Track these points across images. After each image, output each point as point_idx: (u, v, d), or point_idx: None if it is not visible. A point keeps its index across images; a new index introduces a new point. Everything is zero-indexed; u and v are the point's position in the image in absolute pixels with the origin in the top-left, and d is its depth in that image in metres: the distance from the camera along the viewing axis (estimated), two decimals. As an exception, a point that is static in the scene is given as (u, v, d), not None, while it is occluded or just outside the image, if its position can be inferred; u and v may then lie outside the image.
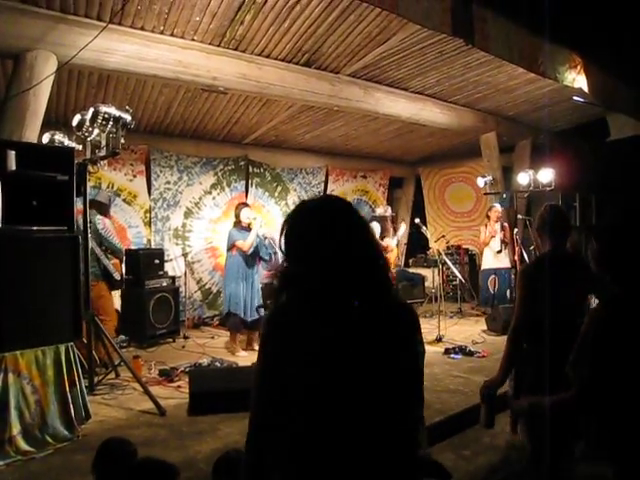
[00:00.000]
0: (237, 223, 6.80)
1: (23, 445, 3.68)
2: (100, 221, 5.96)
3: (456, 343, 6.89)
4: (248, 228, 6.76)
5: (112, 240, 6.01)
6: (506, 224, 8.72)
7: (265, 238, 6.83)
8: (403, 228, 9.18)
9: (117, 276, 6.08)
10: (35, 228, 3.98)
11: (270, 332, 1.47)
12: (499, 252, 8.54)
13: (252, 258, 6.73)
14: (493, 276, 8.59)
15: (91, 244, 5.87)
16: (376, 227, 8.39)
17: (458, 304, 9.57)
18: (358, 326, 1.41)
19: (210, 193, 9.37)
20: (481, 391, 2.81)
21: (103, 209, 6.20)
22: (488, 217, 8.86)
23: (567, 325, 2.66)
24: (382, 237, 8.56)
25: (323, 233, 1.46)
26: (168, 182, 8.85)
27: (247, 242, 6.61)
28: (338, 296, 1.43)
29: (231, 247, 6.74)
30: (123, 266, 6.57)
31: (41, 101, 5.06)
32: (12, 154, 3.79)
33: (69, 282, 4.17)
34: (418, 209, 12.59)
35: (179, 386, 5.29)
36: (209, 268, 9.30)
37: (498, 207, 8.74)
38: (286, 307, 1.49)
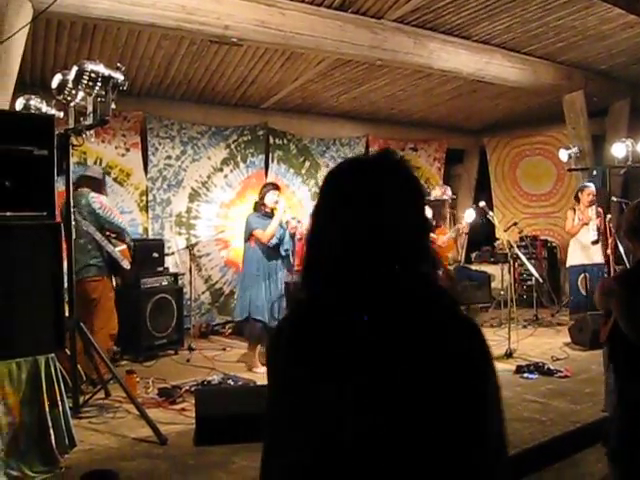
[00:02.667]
0: (259, 206, 6.86)
1: (-6, 478, 3.80)
2: (95, 199, 6.10)
3: (531, 359, 6.86)
4: (272, 214, 6.83)
5: (113, 219, 6.15)
6: (599, 209, 8.63)
7: (286, 222, 6.88)
8: (471, 216, 8.84)
9: (126, 265, 6.22)
10: (8, 214, 4.07)
11: (268, 356, 1.50)
12: (595, 243, 8.45)
13: (274, 251, 6.80)
14: (583, 274, 8.51)
15: (90, 229, 6.02)
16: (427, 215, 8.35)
17: (534, 310, 9.51)
18: (365, 359, 1.28)
19: (221, 170, 9.49)
20: None
21: (96, 185, 6.34)
22: (578, 199, 8.77)
23: None
24: (436, 226, 8.54)
25: (335, 211, 1.39)
26: (169, 157, 8.99)
27: (268, 231, 6.68)
28: (341, 309, 1.34)
29: (249, 237, 6.81)
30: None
31: (13, 59, 5.19)
32: (-20, 124, 3.90)
33: (50, 281, 4.27)
34: (483, 189, 12.52)
35: (183, 409, 5.38)
36: (220, 263, 9.43)
37: (592, 187, 8.64)
38: (286, 322, 1.50)
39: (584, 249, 8.58)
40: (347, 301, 1.33)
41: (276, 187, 7.11)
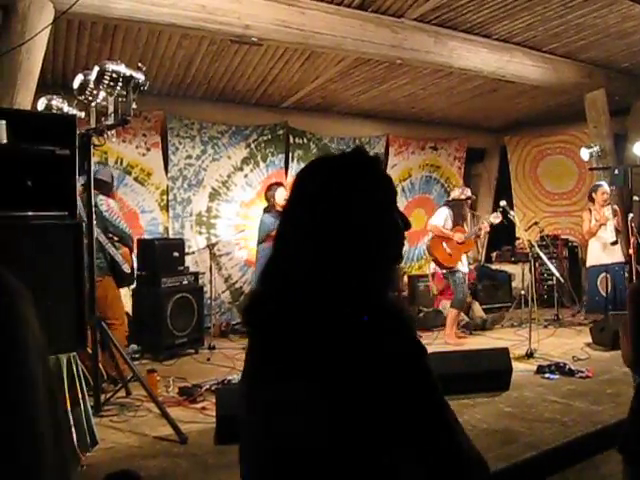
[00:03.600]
0: (271, 207, 6.87)
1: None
2: (103, 202, 6.14)
3: (552, 360, 6.81)
4: None
5: (119, 224, 6.18)
6: (617, 207, 8.54)
7: None
8: (497, 219, 8.45)
9: (127, 268, 6.25)
10: (30, 214, 4.09)
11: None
12: (614, 243, 8.37)
13: None
14: (604, 274, 8.43)
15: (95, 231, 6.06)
16: (442, 212, 8.34)
17: (555, 310, 9.43)
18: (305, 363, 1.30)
19: (241, 169, 9.51)
20: None
21: (106, 188, 6.37)
22: (592, 200, 8.70)
23: None
24: (456, 226, 8.48)
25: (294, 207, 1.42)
26: (189, 156, 9.02)
27: None
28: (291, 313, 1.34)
29: (265, 238, 6.82)
30: (134, 257, 6.73)
31: (35, 59, 5.22)
32: (2, 124, 3.91)
33: (71, 280, 4.28)
34: (503, 189, 12.44)
35: (204, 408, 5.40)
36: (240, 262, 9.45)
37: (605, 187, 8.56)
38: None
39: (603, 249, 8.50)
40: (297, 307, 1.32)
41: (280, 184, 7.12)
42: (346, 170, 1.38)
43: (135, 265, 6.84)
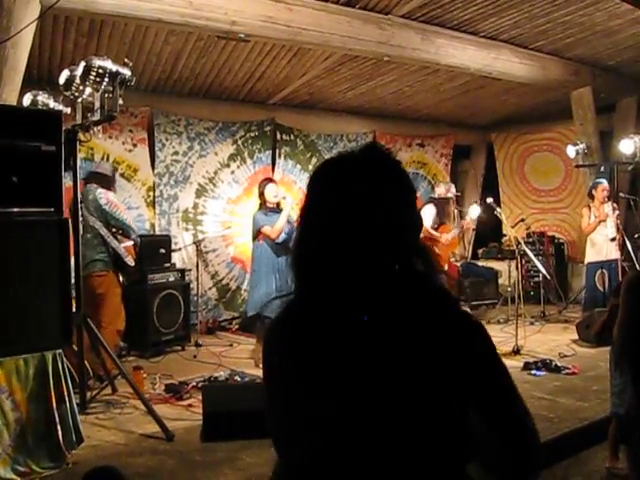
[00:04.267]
0: (262, 204, 6.87)
1: (2, 472, 3.80)
2: (103, 195, 6.13)
3: (538, 356, 6.85)
4: (278, 209, 6.83)
5: (119, 216, 6.18)
6: (616, 205, 8.54)
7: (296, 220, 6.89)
8: (475, 212, 8.86)
9: (130, 261, 6.26)
10: (15, 210, 4.08)
11: (265, 355, 1.48)
12: (613, 239, 8.41)
13: (282, 247, 6.79)
14: (601, 271, 8.49)
15: (96, 225, 6.06)
16: (429, 211, 8.37)
17: (541, 306, 9.49)
18: (367, 358, 1.32)
19: (228, 166, 9.49)
20: None
21: (105, 182, 6.37)
22: (592, 196, 8.72)
23: None
24: (440, 224, 8.52)
25: (327, 205, 1.39)
26: (176, 152, 8.99)
27: (276, 227, 6.67)
28: (339, 308, 1.36)
29: (257, 235, 6.82)
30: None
31: (21, 54, 5.20)
32: (-13, 119, 3.90)
33: (57, 276, 4.27)
34: (490, 185, 12.47)
35: (190, 405, 5.39)
36: (227, 259, 9.43)
37: (605, 183, 8.59)
38: (282, 322, 1.48)
39: (601, 246, 8.53)
40: (344, 300, 1.35)
41: (271, 180, 7.12)
42: (367, 168, 1.40)
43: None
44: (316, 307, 1.38)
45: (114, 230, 6.24)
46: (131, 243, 6.47)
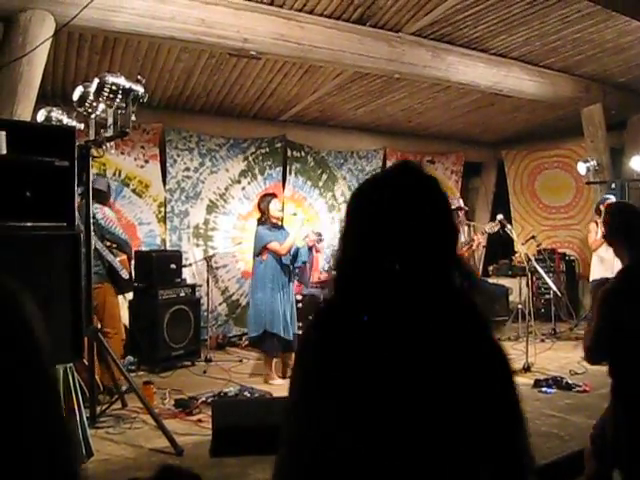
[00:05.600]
0: (266, 220, 6.86)
1: (13, 487, 3.81)
2: (98, 210, 6.16)
3: (549, 373, 6.80)
4: (280, 225, 6.85)
5: (115, 230, 6.21)
6: None
7: (306, 237, 6.89)
8: (492, 229, 8.72)
9: (125, 274, 6.27)
10: (29, 224, 4.12)
11: (302, 362, 1.50)
12: None
13: (287, 265, 6.80)
14: None
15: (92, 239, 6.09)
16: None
17: (552, 324, 9.45)
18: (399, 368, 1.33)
19: (239, 182, 9.53)
20: None
21: (101, 197, 6.40)
22: (599, 212, 8.69)
23: None
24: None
25: (374, 226, 1.42)
26: (187, 169, 9.04)
27: (286, 244, 6.67)
28: (379, 326, 1.37)
29: (262, 251, 6.80)
30: (132, 267, 6.75)
31: (36, 71, 5.27)
32: (2, 135, 3.94)
33: (68, 290, 4.30)
34: (501, 202, 12.45)
35: (199, 420, 5.38)
36: (237, 275, 9.45)
37: (612, 199, 8.56)
38: (313, 330, 1.50)
39: (607, 262, 8.49)
40: (386, 319, 1.36)
41: (274, 195, 7.12)
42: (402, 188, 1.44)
43: (133, 275, 6.86)
44: (355, 322, 1.38)
45: (109, 244, 6.27)
46: (125, 257, 6.50)
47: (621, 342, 2.88)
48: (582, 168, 9.28)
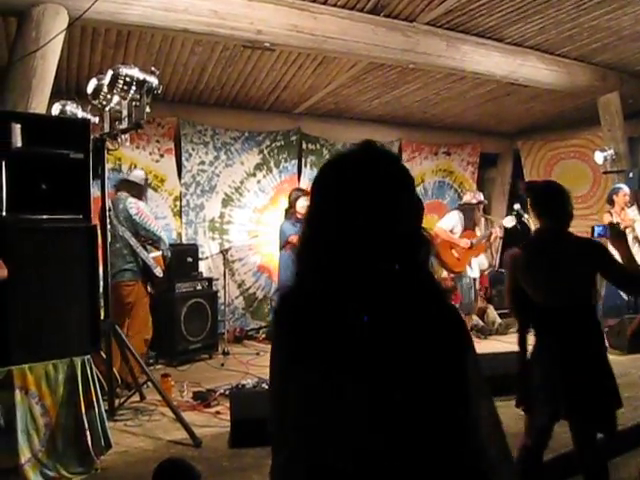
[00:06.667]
0: (290, 214, 6.90)
1: (32, 477, 3.83)
2: (133, 205, 6.17)
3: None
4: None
5: (150, 227, 6.22)
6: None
7: None
8: (510, 223, 8.63)
9: (159, 272, 6.30)
10: (45, 217, 4.13)
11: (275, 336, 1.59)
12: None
13: None
14: None
15: (125, 235, 6.10)
16: (452, 217, 8.35)
17: (570, 315, 9.34)
18: (366, 359, 1.36)
19: (254, 175, 9.52)
20: None
21: (136, 190, 6.41)
22: (612, 202, 8.61)
23: (573, 312, 3.33)
24: (467, 230, 8.44)
25: (337, 204, 1.44)
26: (202, 162, 9.04)
27: None
28: (342, 304, 1.40)
29: (285, 244, 6.85)
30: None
31: (50, 65, 5.27)
32: (17, 128, 3.95)
33: (85, 282, 4.31)
34: (517, 193, 12.39)
35: (218, 412, 5.41)
36: (253, 268, 9.45)
37: (625, 188, 8.49)
38: (284, 314, 1.58)
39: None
40: (348, 296, 1.39)
41: (304, 193, 7.14)
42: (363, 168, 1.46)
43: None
44: (317, 304, 1.43)
45: (143, 240, 6.28)
46: (159, 253, 6.50)
47: (523, 298, 3.49)
48: (599, 157, 9.19)
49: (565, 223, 3.51)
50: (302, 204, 6.88)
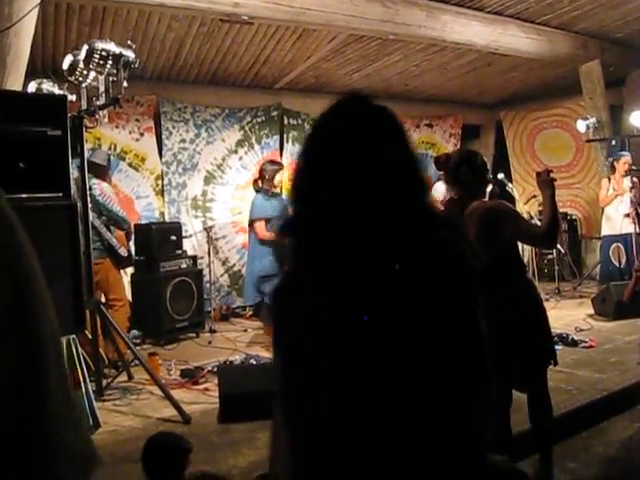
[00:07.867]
0: (264, 186, 6.83)
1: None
2: (96, 186, 6.09)
3: (555, 331, 6.71)
4: (278, 193, 6.82)
5: (112, 207, 6.16)
6: (636, 179, 8.43)
7: None
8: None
9: (123, 252, 6.24)
10: (24, 195, 4.07)
11: (278, 316, 1.48)
12: (627, 215, 8.34)
13: None
14: (616, 244, 8.43)
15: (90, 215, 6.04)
16: (439, 189, 8.33)
17: (555, 283, 9.44)
18: (400, 303, 1.32)
19: (236, 152, 9.47)
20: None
21: (100, 172, 6.33)
22: (613, 168, 8.64)
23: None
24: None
25: (332, 158, 1.42)
26: (183, 140, 8.97)
27: (268, 234, 6.68)
28: (366, 259, 1.34)
29: (253, 222, 6.81)
30: (131, 242, 6.74)
31: (24, 43, 5.17)
32: (-8, 105, 3.88)
33: (68, 262, 4.26)
34: (501, 164, 12.35)
35: (206, 389, 5.41)
36: (237, 245, 9.42)
37: (627, 156, 8.51)
38: (293, 279, 1.46)
39: (616, 220, 8.47)
40: (361, 246, 1.34)
41: (281, 166, 7.12)
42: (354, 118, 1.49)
43: (132, 250, 6.82)
44: (324, 274, 1.37)
45: (107, 221, 6.22)
46: (122, 233, 6.44)
47: None
48: (581, 126, 9.21)
49: (475, 191, 3.61)
50: (279, 178, 6.84)
